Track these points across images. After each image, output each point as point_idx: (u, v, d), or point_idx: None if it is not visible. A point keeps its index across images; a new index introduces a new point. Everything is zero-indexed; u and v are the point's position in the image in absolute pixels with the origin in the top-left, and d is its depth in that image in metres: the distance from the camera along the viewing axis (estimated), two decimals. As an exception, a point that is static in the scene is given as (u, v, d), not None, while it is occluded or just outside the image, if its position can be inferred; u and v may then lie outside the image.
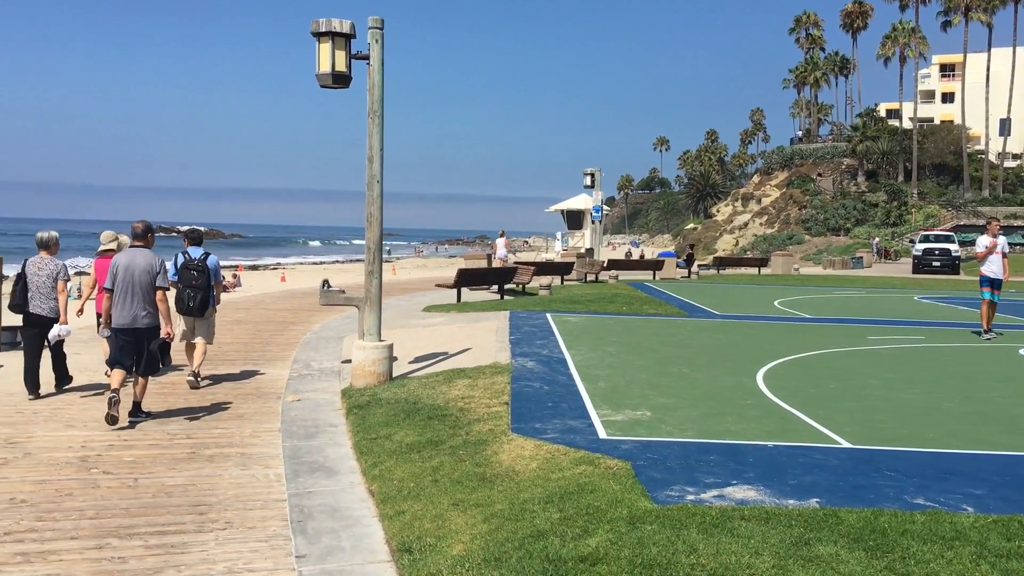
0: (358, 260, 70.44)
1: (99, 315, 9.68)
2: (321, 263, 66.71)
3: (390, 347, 10.05)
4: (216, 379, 10.55)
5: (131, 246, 8.57)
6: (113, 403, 7.84)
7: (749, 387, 9.46)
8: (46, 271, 9.32)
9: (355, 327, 14.61)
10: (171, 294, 8.88)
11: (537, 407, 8.05)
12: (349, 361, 10.69)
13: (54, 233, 9.69)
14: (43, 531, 5.28)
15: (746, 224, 79.31)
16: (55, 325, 9.24)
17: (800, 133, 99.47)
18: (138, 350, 8.24)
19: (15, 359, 11.62)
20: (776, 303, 21.66)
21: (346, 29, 9.74)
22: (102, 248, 10.42)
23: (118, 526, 5.38)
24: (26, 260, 9.47)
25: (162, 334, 8.39)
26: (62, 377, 9.74)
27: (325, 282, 11.78)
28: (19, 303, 9.29)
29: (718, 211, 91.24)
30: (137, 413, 8.33)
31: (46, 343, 9.44)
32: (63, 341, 9.56)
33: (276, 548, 5.07)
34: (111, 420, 7.84)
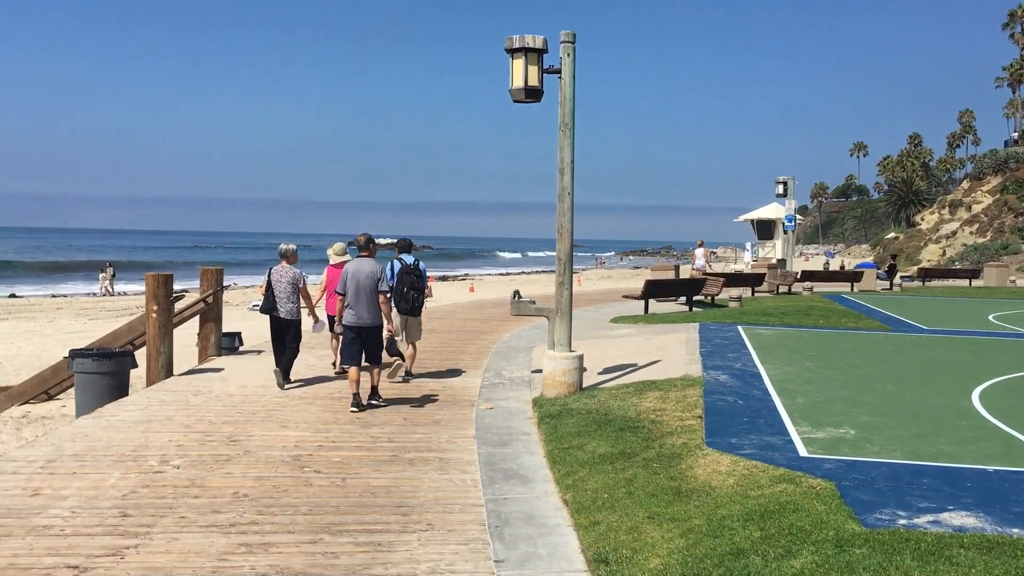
0: (544, 271, 71.34)
1: (331, 316, 11.29)
2: (507, 274, 68.03)
3: (580, 358, 10.11)
4: (415, 384, 10.96)
5: (357, 256, 9.80)
6: (355, 397, 9.33)
7: (963, 407, 8.84)
8: (287, 278, 10.69)
9: (544, 337, 14.79)
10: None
11: (732, 422, 7.85)
12: (539, 371, 10.83)
13: (292, 245, 11.11)
14: (263, 524, 5.66)
15: (954, 233, 74.21)
16: (314, 323, 11.01)
17: (1016, 135, 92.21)
18: (365, 344, 9.54)
19: (234, 363, 12.57)
20: (991, 318, 20.12)
21: (539, 44, 9.91)
22: (333, 259, 11.77)
23: (329, 523, 5.69)
24: (271, 269, 10.84)
25: (385, 332, 9.68)
26: (286, 374, 10.70)
27: (516, 293, 11.99)
28: (269, 307, 10.65)
29: (922, 219, 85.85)
30: (374, 396, 9.68)
31: (284, 342, 10.76)
32: (300, 339, 10.90)
33: (475, 552, 5.20)
34: (358, 407, 9.28)
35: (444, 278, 54.21)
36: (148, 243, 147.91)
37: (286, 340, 10.70)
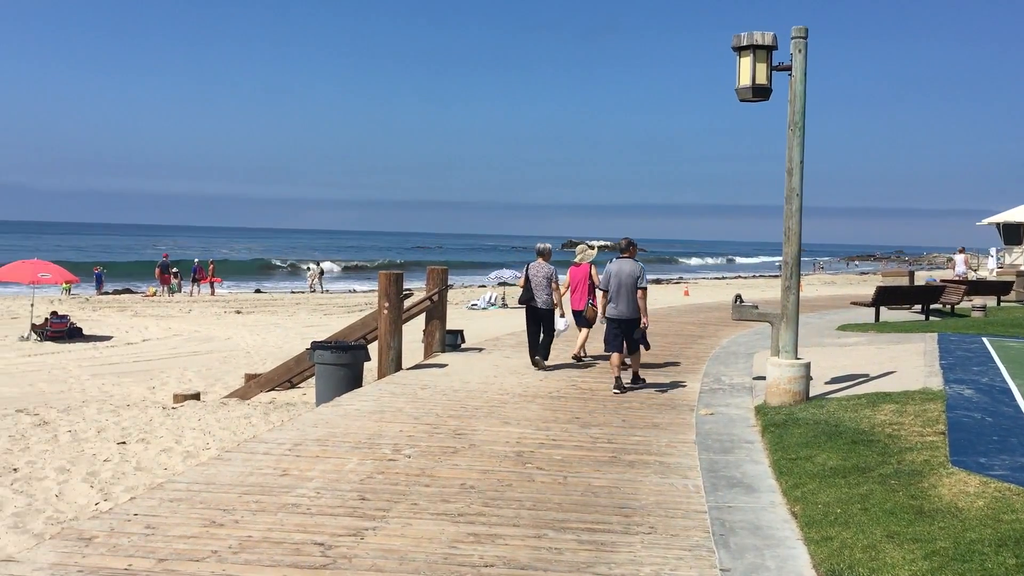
0: (761, 276, 69.06)
1: (574, 311, 12.73)
2: (723, 278, 66.43)
3: (807, 366, 9.69)
4: (632, 388, 10.94)
5: (618, 257, 10.93)
6: (617, 381, 10.58)
7: None
8: (542, 273, 12.20)
9: (765, 343, 14.31)
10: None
11: (980, 440, 7.25)
12: (761, 378, 10.49)
13: (548, 245, 12.75)
14: (489, 516, 5.83)
15: None
16: (558, 319, 12.24)
17: None
18: (625, 335, 10.65)
19: (457, 359, 13.06)
20: None
21: (768, 41, 9.59)
22: (577, 259, 12.87)
23: (552, 519, 5.78)
24: (528, 264, 12.39)
25: (642, 324, 10.67)
26: (545, 356, 12.27)
27: (738, 297, 11.68)
28: (526, 298, 12.20)
29: None
30: (636, 381, 11.04)
31: (541, 329, 12.25)
32: (554, 328, 12.30)
33: (700, 559, 5.11)
34: (620, 389, 10.50)
35: (658, 281, 53.71)
36: (376, 243, 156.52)
37: (542, 326, 12.19)
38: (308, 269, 49.20)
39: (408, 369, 12.24)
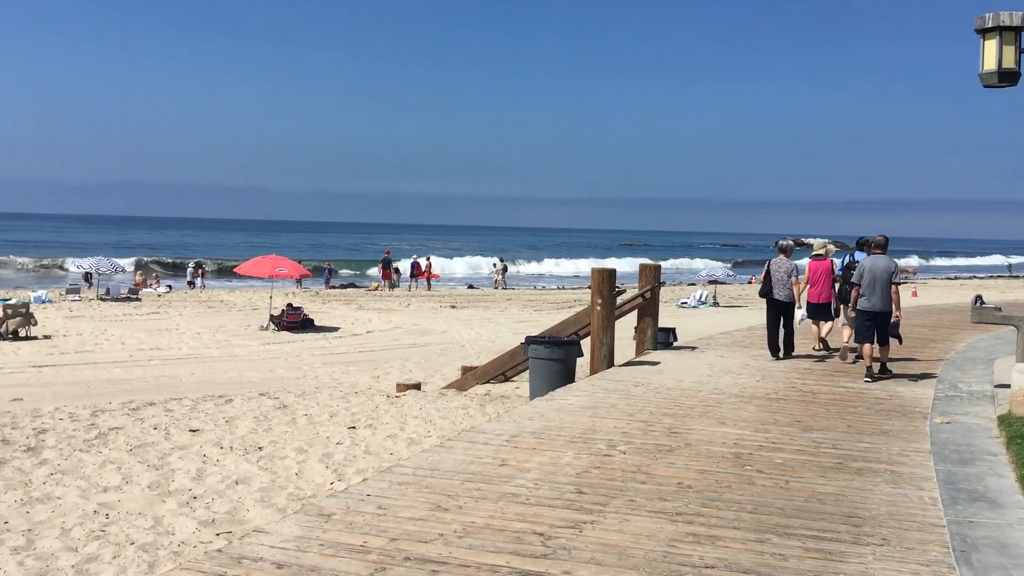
0: (999, 276, 63.70)
1: (811, 304, 13.09)
2: (956, 278, 61.84)
3: (1060, 374, 8.83)
4: (857, 391, 10.42)
5: (871, 253, 11.36)
6: (868, 370, 11.05)
7: None
8: (783, 268, 12.70)
9: (1006, 348, 13.20)
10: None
11: None
12: (1005, 386, 9.69)
13: (790, 241, 13.51)
14: (708, 517, 5.73)
15: None
16: (796, 311, 12.71)
17: None
18: (876, 327, 11.00)
19: (669, 357, 12.93)
20: None
21: (1016, 22, 8.84)
22: (815, 253, 13.18)
23: (775, 524, 5.60)
24: (770, 260, 12.95)
25: (893, 318, 11.08)
26: (789, 348, 12.97)
27: (978, 298, 10.87)
28: (767, 291, 12.72)
29: None
30: (884, 371, 11.32)
31: (781, 321, 12.83)
32: (793, 320, 12.86)
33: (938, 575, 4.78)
34: (871, 378, 10.96)
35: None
36: (578, 240, 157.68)
37: (783, 320, 12.75)
38: (494, 266, 50.38)
39: (620, 366, 12.24)
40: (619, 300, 13.25)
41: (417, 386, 13.80)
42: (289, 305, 25.25)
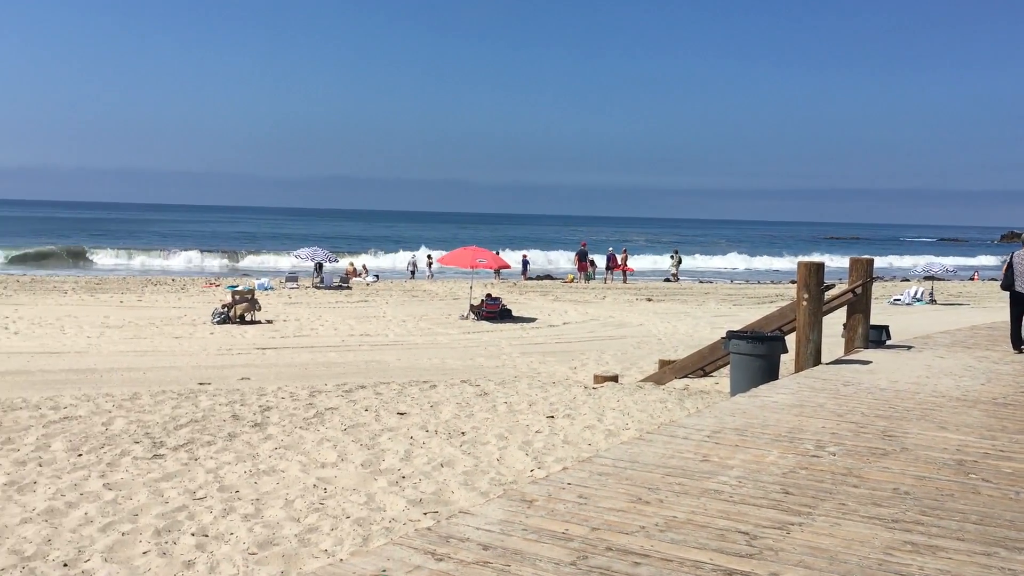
0: None
1: None
2: None
3: None
4: (1098, 400, 9.47)
5: None
6: None
7: None
8: None
9: None
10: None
11: None
12: None
13: None
14: (928, 526, 5.39)
15: None
16: None
17: None
18: None
19: (882, 356, 12.25)
20: None
21: None
22: None
23: (1004, 537, 5.19)
24: (1013, 252, 12.83)
25: None
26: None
27: None
28: (1009, 284, 12.69)
29: None
30: None
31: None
32: None
33: None
34: None
35: None
36: (779, 233, 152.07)
37: None
38: (672, 258, 49.44)
39: (828, 364, 11.72)
40: (827, 295, 12.68)
41: (614, 378, 13.81)
42: (488, 295, 25.91)
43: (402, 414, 10.80)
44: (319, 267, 37.51)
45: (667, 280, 45.72)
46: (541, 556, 4.78)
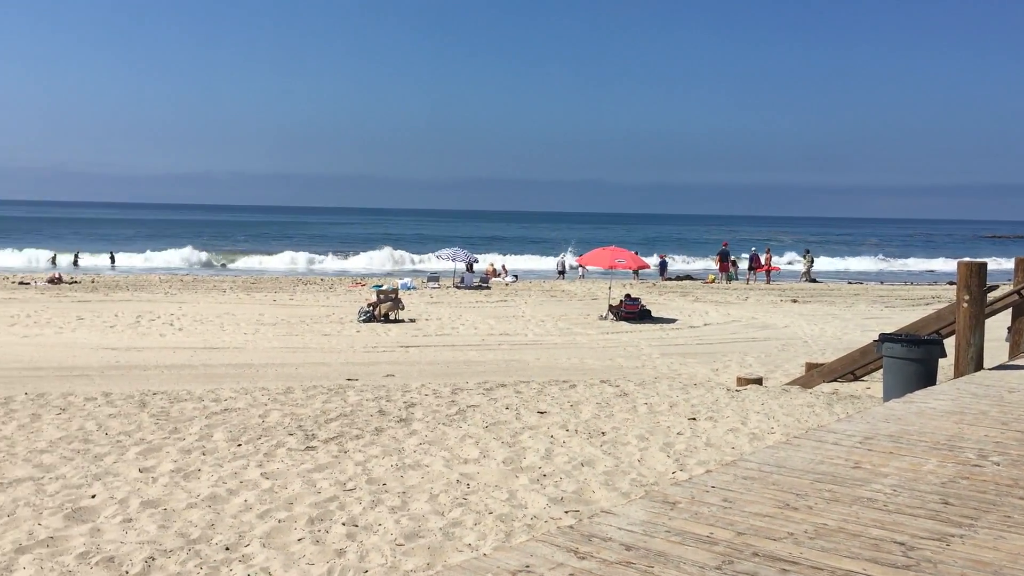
0: None
1: None
2: None
3: None
4: None
5: None
6: None
7: None
8: None
9: None
10: None
11: None
12: None
13: None
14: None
15: None
16: None
17: None
18: None
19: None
20: None
21: None
22: None
23: None
24: None
25: None
26: None
27: None
28: None
29: None
30: None
31: None
32: None
33: None
34: None
35: None
36: (932, 231, 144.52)
37: None
38: (804, 257, 47.53)
39: (990, 369, 11.07)
40: (989, 297, 11.98)
41: (758, 381, 13.48)
42: (627, 296, 25.75)
43: (542, 413, 10.89)
44: (470, 267, 38.44)
45: (805, 280, 44.22)
46: (685, 558, 4.72)
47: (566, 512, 7.13)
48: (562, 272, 44.32)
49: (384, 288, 25.94)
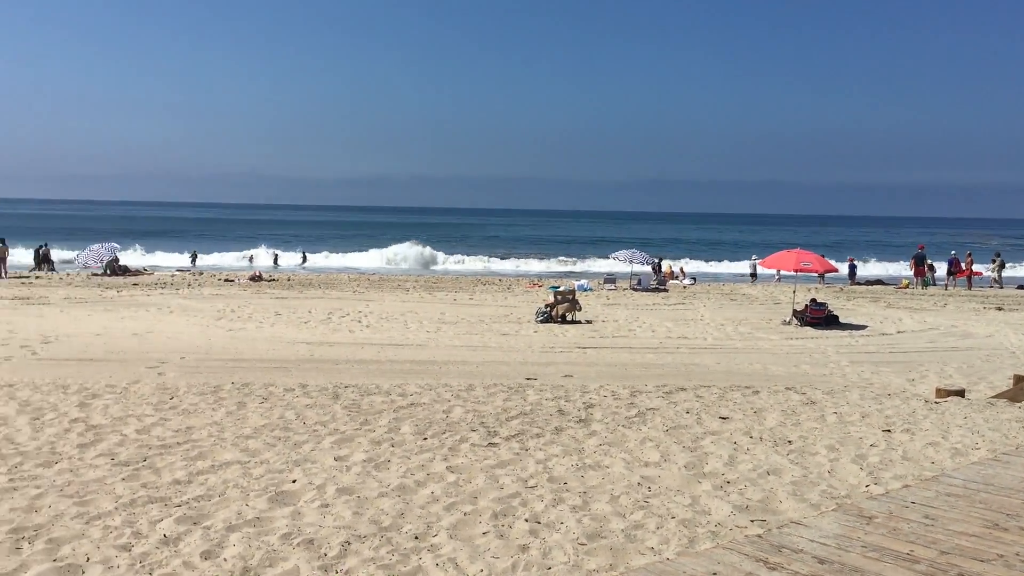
0: None
1: None
2: None
3: None
4: None
5: None
6: None
7: None
8: None
9: None
10: None
11: None
12: None
13: None
14: None
15: None
16: None
17: None
18: None
19: None
20: None
21: None
22: None
23: None
24: None
25: None
26: None
27: None
28: None
29: None
30: None
31: None
32: None
33: None
34: None
35: None
36: None
37: None
38: (993, 262, 43.50)
39: None
40: None
41: (960, 393, 12.63)
42: (813, 300, 24.75)
43: (724, 418, 10.64)
44: (656, 268, 38.25)
45: (997, 287, 40.90)
46: (884, 576, 4.50)
47: (752, 521, 6.94)
48: (754, 275, 43.17)
49: (561, 289, 26.13)
